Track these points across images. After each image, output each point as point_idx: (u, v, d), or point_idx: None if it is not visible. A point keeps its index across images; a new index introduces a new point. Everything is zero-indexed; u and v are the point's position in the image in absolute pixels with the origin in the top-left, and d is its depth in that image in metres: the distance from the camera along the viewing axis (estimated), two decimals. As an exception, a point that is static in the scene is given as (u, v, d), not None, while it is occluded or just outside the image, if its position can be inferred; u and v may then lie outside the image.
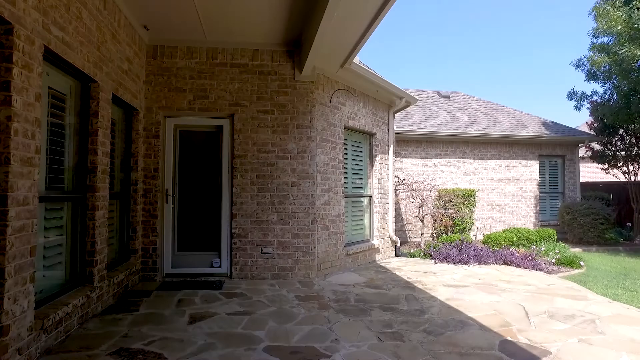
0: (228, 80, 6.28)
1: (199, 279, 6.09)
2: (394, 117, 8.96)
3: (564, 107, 70.64)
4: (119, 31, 4.97)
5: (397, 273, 6.89)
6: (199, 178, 6.40)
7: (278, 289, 5.67)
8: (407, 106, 9.02)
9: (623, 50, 9.07)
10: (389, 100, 8.52)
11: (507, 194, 12.23)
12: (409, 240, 11.14)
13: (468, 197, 10.56)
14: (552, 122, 13.87)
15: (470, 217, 10.58)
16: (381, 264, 7.70)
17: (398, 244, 8.71)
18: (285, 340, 3.79)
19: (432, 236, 10.79)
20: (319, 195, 6.44)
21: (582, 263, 7.94)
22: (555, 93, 75.32)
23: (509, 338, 3.94)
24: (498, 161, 12.21)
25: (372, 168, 8.14)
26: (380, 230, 8.17)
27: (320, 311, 4.69)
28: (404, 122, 11.82)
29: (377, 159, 8.20)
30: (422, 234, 9.62)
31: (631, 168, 12.24)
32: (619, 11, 9.20)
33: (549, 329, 4.24)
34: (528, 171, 12.44)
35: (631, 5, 9.11)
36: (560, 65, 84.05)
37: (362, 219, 7.99)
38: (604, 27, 9.69)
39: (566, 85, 61.54)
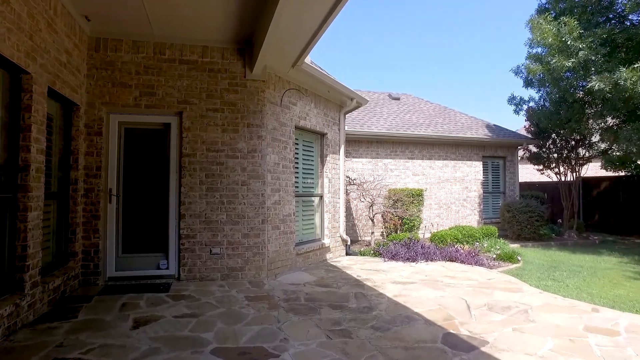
0: (176, 76, 6.10)
1: (145, 281, 5.87)
2: (344, 118, 9.09)
3: (506, 111, 74.85)
4: (55, 20, 4.68)
5: (347, 271, 7.01)
6: (145, 177, 6.17)
7: (227, 289, 5.59)
8: (358, 107, 9.18)
9: (554, 60, 9.75)
10: (340, 101, 8.64)
11: (454, 194, 12.77)
12: (359, 239, 11.34)
13: (416, 196, 10.91)
14: (495, 125, 14.65)
15: (418, 216, 10.94)
16: (332, 263, 7.79)
17: (349, 243, 8.84)
18: (233, 342, 3.74)
19: (382, 235, 11.05)
20: (270, 194, 6.41)
21: (519, 258, 8.44)
22: (500, 97, 79.74)
23: (451, 331, 4.13)
24: (445, 162, 12.72)
25: (323, 168, 8.22)
26: (331, 229, 8.27)
27: (270, 311, 4.67)
28: (355, 122, 12.02)
29: (328, 158, 8.28)
30: (372, 232, 9.83)
31: (562, 169, 13.18)
32: (550, 25, 9.87)
33: (488, 320, 4.48)
34: (473, 171, 13.05)
35: (559, 20, 9.82)
36: (503, 71, 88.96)
37: (313, 219, 8.04)
38: (538, 39, 10.36)
39: (508, 89, 65.43)
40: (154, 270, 6.03)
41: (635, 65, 8.16)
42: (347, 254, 8.79)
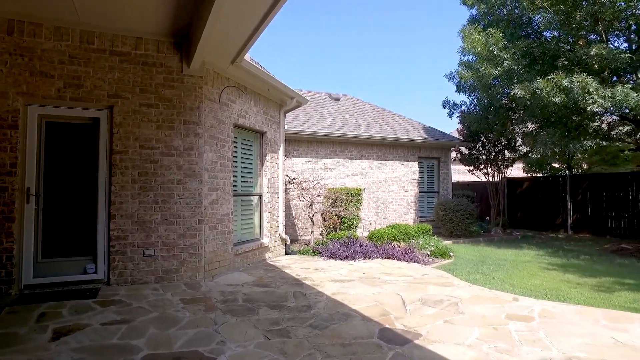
0: (107, 68, 5.73)
1: (69, 288, 5.45)
2: (284, 117, 9.07)
3: (441, 114, 78.82)
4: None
5: (287, 271, 7.00)
6: (70, 175, 5.73)
7: (162, 292, 5.35)
8: (298, 106, 9.20)
9: (482, 68, 10.42)
10: (280, 100, 8.61)
11: (391, 193, 13.21)
12: (299, 238, 11.38)
13: (355, 195, 11.16)
14: (430, 127, 15.37)
15: (357, 215, 11.19)
16: (271, 263, 7.74)
17: (288, 242, 8.84)
18: (167, 347, 3.59)
19: (321, 234, 11.17)
20: (207, 193, 6.23)
21: (451, 254, 8.92)
22: (435, 100, 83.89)
23: (387, 326, 4.26)
24: (383, 162, 13.12)
25: (262, 167, 8.14)
26: (270, 228, 8.21)
27: (206, 313, 4.54)
28: (296, 122, 12.04)
29: (267, 157, 8.22)
30: (312, 231, 9.91)
31: (490, 170, 14.13)
32: (479, 35, 10.54)
33: (422, 314, 4.68)
34: (409, 171, 13.59)
35: (487, 31, 10.52)
36: (438, 76, 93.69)
37: (251, 218, 7.93)
38: (469, 47, 11.02)
39: (443, 94, 69.07)
40: (81, 275, 5.62)
41: (549, 77, 8.94)
42: (286, 253, 8.77)
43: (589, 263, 8.39)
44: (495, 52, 10.11)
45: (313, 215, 10.01)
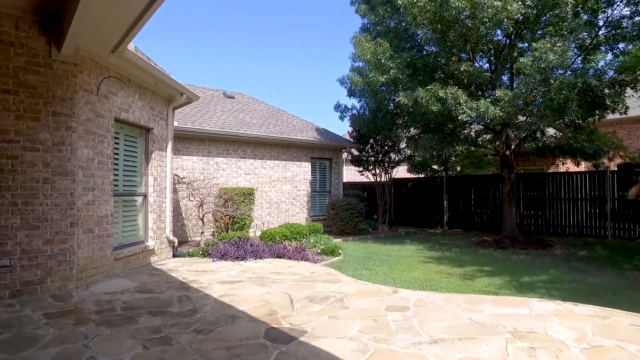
0: (-53, 45, 4.84)
1: None
2: (174, 113, 8.62)
3: (334, 116, 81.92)
4: None
5: (173, 274, 6.66)
6: None
7: (19, 309, 4.69)
8: (189, 102, 8.81)
9: (371, 75, 11.12)
10: (169, 95, 8.15)
11: (284, 192, 13.35)
12: (189, 239, 10.91)
13: (248, 195, 11.06)
14: (324, 129, 15.87)
15: (249, 215, 11.10)
16: (157, 266, 7.29)
17: (176, 244, 8.41)
18: (23, 369, 3.16)
19: (212, 234, 10.86)
20: (81, 194, 5.63)
21: (340, 251, 9.33)
22: (329, 103, 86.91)
23: (274, 325, 4.30)
24: (276, 162, 13.20)
25: (147, 165, 7.62)
26: (156, 230, 7.73)
27: (76, 327, 4.10)
28: (187, 119, 11.52)
29: (154, 155, 7.72)
30: (202, 232, 9.57)
31: (377, 171, 15.13)
32: (369, 44, 11.23)
33: (308, 311, 4.82)
34: (302, 172, 13.88)
35: (377, 41, 11.26)
36: (331, 79, 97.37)
37: (135, 220, 7.38)
38: (359, 54, 11.65)
39: (336, 97, 72.24)
40: None
41: (428, 87, 9.88)
42: (174, 255, 8.34)
43: (458, 255, 9.45)
44: (382, 61, 10.84)
45: (203, 216, 9.67)
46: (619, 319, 4.52)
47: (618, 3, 9.69)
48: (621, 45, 10.19)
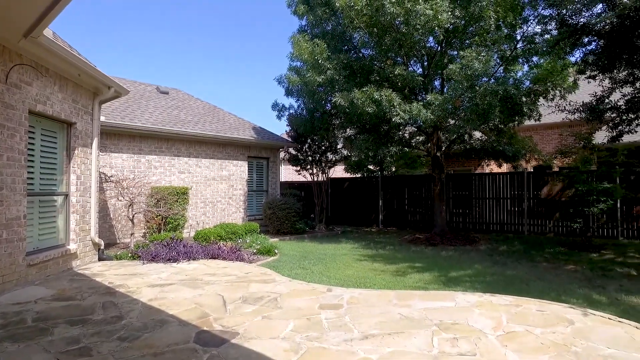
0: None
1: None
2: (100, 107, 8.07)
3: (272, 115, 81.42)
4: None
5: (98, 279, 6.24)
6: None
7: None
8: (118, 97, 8.31)
9: (308, 75, 11.17)
10: (95, 88, 7.63)
11: (220, 192, 13.03)
12: (118, 241, 10.31)
13: (182, 194, 10.66)
14: (261, 127, 15.70)
15: (183, 215, 10.70)
16: (79, 271, 6.78)
17: (102, 247, 7.90)
18: None
19: (144, 236, 10.34)
20: (-12, 193, 5.10)
21: (277, 251, 9.28)
22: (268, 101, 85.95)
23: (205, 328, 4.17)
24: (212, 160, 12.85)
25: (70, 162, 7.07)
26: (79, 232, 7.19)
27: (-22, 341, 3.70)
28: (116, 114, 10.86)
29: (77, 152, 7.18)
30: (133, 234, 9.06)
31: (315, 170, 15.24)
32: (307, 44, 11.28)
33: (241, 312, 4.74)
34: (239, 171, 13.63)
35: (314, 41, 11.35)
36: (269, 78, 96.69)
37: (54, 221, 6.82)
38: (297, 54, 11.66)
39: (273, 96, 72.00)
40: None
41: (364, 89, 10.13)
42: (100, 259, 7.82)
43: (392, 252, 9.78)
44: (320, 62, 10.94)
45: (134, 216, 9.16)
46: (529, 306, 4.93)
47: (531, 21, 10.56)
48: (535, 59, 11.12)
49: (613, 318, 4.51)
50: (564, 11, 7.85)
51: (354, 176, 17.63)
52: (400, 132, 13.16)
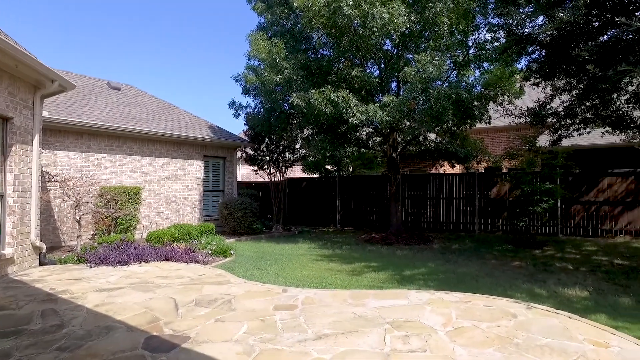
0: None
1: None
2: (42, 102, 7.60)
3: (229, 114, 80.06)
4: None
5: (38, 285, 5.87)
6: None
7: None
8: (63, 91, 7.86)
9: (266, 74, 11.07)
10: (36, 81, 7.18)
11: (175, 192, 12.65)
12: (64, 244, 9.76)
13: (134, 194, 10.25)
14: (217, 126, 15.39)
15: (135, 216, 10.30)
16: (16, 278, 6.35)
17: (44, 251, 7.44)
18: None
19: (92, 238, 9.86)
20: None
21: (232, 252, 9.12)
22: (225, 100, 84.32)
23: (155, 333, 4.03)
24: (166, 159, 12.45)
25: (6, 161, 6.60)
26: (16, 236, 6.73)
27: None
28: (62, 109, 10.27)
29: (14, 149, 6.72)
30: (79, 236, 8.60)
31: (272, 170, 15.13)
32: (265, 43, 11.18)
33: (194, 315, 4.62)
34: (194, 170, 13.29)
35: (272, 40, 11.27)
36: (226, 76, 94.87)
37: (-11, 224, 6.36)
38: (255, 53, 11.53)
39: (231, 94, 70.98)
40: None
41: (321, 89, 10.18)
42: (41, 263, 7.37)
43: (348, 252, 9.87)
44: (277, 61, 10.87)
45: (81, 218, 8.70)
46: (477, 302, 5.14)
47: (482, 29, 11.02)
48: (486, 65, 11.62)
49: (550, 310, 4.79)
50: (511, 21, 8.21)
51: (312, 176, 17.67)
52: (357, 133, 13.32)
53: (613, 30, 6.95)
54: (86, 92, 12.68)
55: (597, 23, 7.18)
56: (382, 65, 12.04)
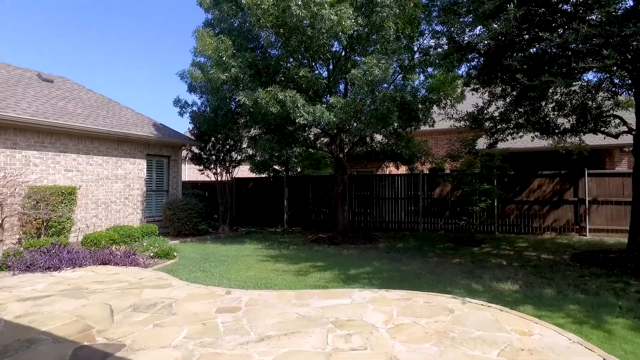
0: None
1: None
2: (-40, 93, 6.95)
3: (174, 111, 77.35)
4: None
5: (-47, 294, 5.36)
6: None
7: None
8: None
9: (212, 72, 10.81)
10: (-47, 70, 6.54)
11: (115, 192, 12.03)
12: (-15, 249, 8.95)
13: (68, 195, 9.62)
14: (161, 124, 14.81)
15: (69, 217, 9.66)
16: None
17: (-38, 256, 6.81)
18: None
19: (18, 242, 9.13)
20: None
21: (176, 254, 8.82)
22: (170, 97, 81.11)
23: (85, 343, 3.81)
24: (106, 158, 11.81)
25: None
26: None
27: None
28: (-16, 101, 9.43)
29: None
30: (2, 240, 7.94)
31: (219, 170, 14.81)
32: (212, 39, 10.90)
33: (131, 322, 4.41)
34: (136, 169, 12.71)
35: (219, 37, 11.02)
36: (171, 73, 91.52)
37: None
38: (201, 49, 11.21)
39: (176, 91, 68.60)
40: None
41: (269, 89, 10.09)
42: (-42, 271, 6.73)
43: (295, 252, 9.86)
44: (224, 59, 10.65)
45: (4, 221, 8.04)
46: (418, 299, 5.32)
47: (427, 35, 11.45)
48: (430, 70, 12.07)
49: (484, 304, 5.06)
50: (452, 29, 8.61)
51: (259, 176, 17.48)
52: (305, 133, 13.34)
53: (539, 44, 7.49)
54: (12, 83, 11.73)
55: (527, 36, 7.69)
56: (331, 67, 12.16)
